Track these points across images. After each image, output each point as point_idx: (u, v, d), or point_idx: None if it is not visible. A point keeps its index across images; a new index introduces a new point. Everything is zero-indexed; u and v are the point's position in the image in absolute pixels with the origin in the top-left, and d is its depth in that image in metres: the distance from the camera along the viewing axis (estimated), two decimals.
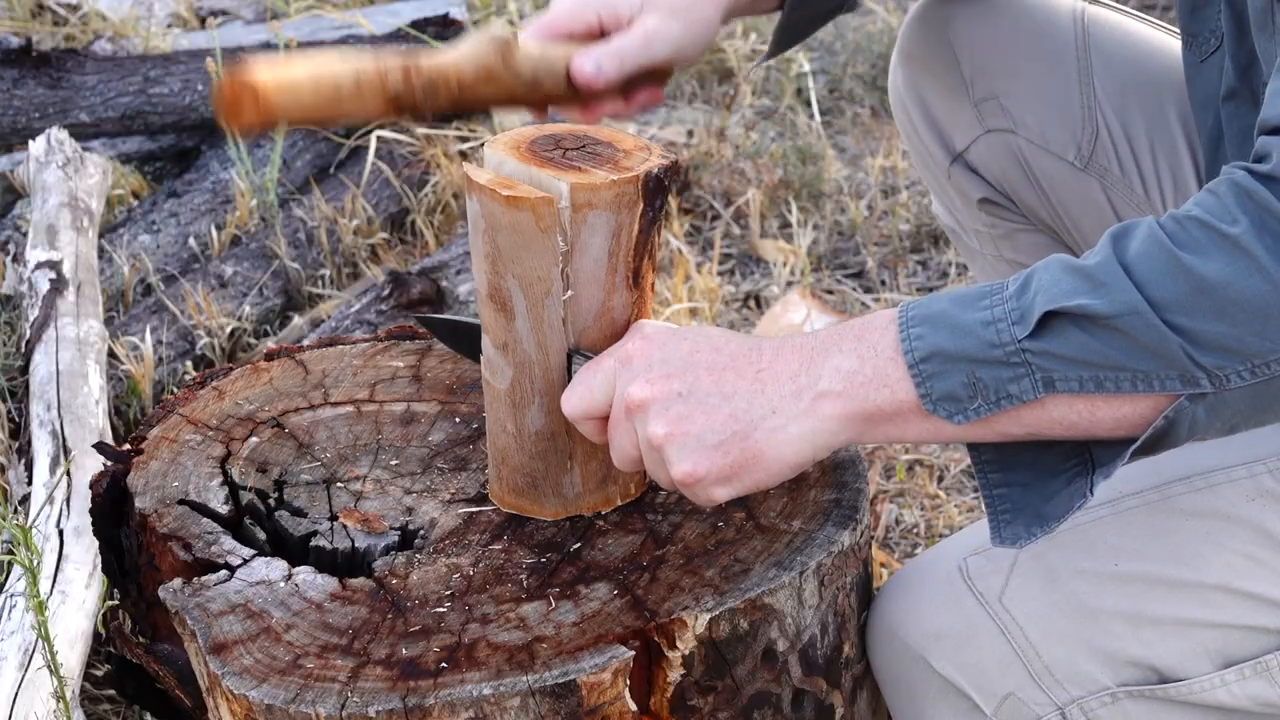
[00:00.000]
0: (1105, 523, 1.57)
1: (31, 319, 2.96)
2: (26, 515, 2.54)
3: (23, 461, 2.69)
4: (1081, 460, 1.44)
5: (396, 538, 1.68)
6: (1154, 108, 1.94)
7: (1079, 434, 1.41)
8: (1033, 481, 1.45)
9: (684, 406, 1.46)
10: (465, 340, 1.76)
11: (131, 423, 2.91)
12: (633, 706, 1.52)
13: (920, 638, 1.63)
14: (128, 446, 1.84)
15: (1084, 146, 1.95)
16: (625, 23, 1.74)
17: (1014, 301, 1.37)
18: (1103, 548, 1.58)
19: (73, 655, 2.27)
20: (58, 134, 3.48)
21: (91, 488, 1.79)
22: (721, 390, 1.46)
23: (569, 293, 1.57)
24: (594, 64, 1.71)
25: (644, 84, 1.80)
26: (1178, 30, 1.96)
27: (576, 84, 1.72)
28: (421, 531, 1.68)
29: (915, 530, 2.72)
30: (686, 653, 1.53)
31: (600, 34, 1.75)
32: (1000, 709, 1.60)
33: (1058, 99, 1.97)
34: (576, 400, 1.54)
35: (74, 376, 2.80)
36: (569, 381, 1.60)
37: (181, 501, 1.74)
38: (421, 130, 3.64)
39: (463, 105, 1.70)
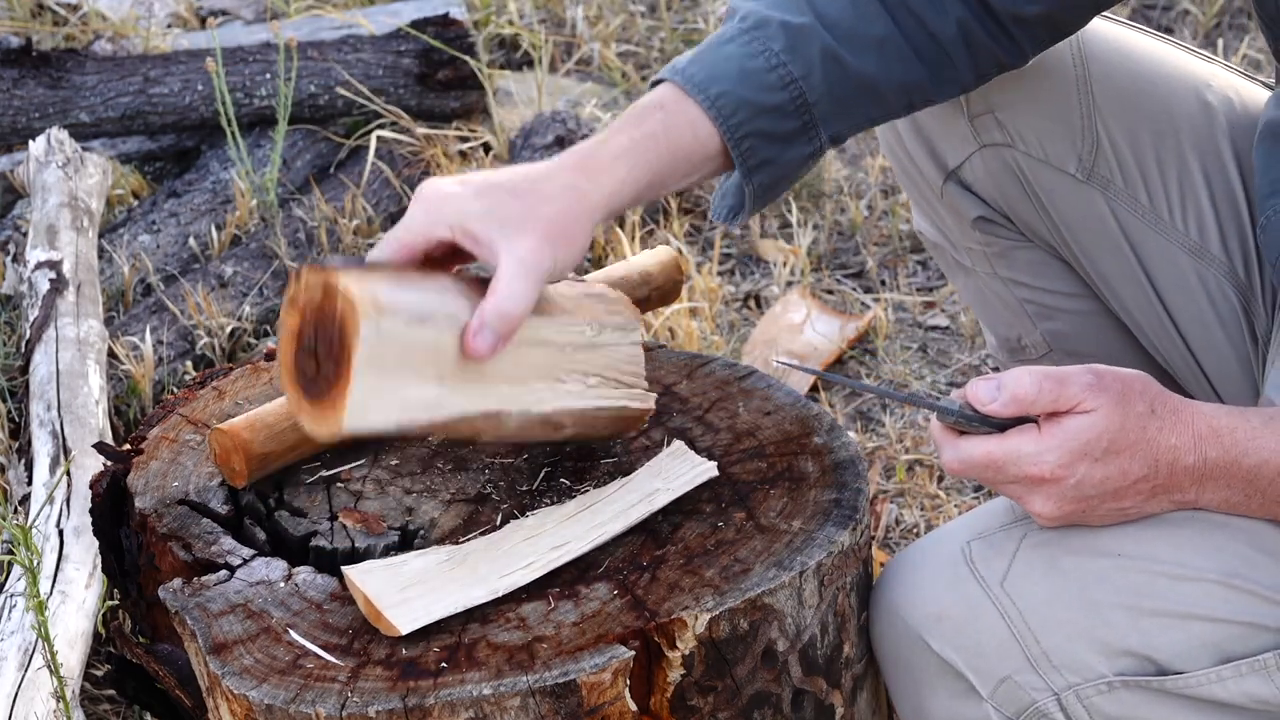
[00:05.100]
0: None
1: (31, 319, 2.96)
2: (26, 515, 2.54)
3: (23, 461, 2.69)
4: None
5: (396, 538, 1.68)
6: (1158, 115, 1.92)
7: None
8: None
9: (1078, 506, 1.57)
10: None
11: (131, 423, 2.91)
12: (633, 706, 1.52)
13: (921, 618, 1.63)
14: (128, 446, 1.84)
15: (1085, 158, 1.92)
16: (482, 244, 1.55)
17: None
18: (1106, 537, 1.58)
19: (73, 655, 2.27)
20: (58, 134, 3.47)
21: (91, 488, 1.79)
22: (1121, 508, 1.57)
23: None
24: (487, 340, 1.53)
25: None
26: (1179, 41, 1.96)
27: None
28: (421, 531, 1.68)
29: (915, 530, 2.72)
30: (686, 653, 1.53)
31: (452, 250, 1.58)
32: (997, 692, 1.60)
33: (1056, 110, 1.94)
34: (958, 465, 1.57)
35: (74, 376, 2.80)
36: None
37: (181, 501, 1.74)
38: (422, 130, 3.64)
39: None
